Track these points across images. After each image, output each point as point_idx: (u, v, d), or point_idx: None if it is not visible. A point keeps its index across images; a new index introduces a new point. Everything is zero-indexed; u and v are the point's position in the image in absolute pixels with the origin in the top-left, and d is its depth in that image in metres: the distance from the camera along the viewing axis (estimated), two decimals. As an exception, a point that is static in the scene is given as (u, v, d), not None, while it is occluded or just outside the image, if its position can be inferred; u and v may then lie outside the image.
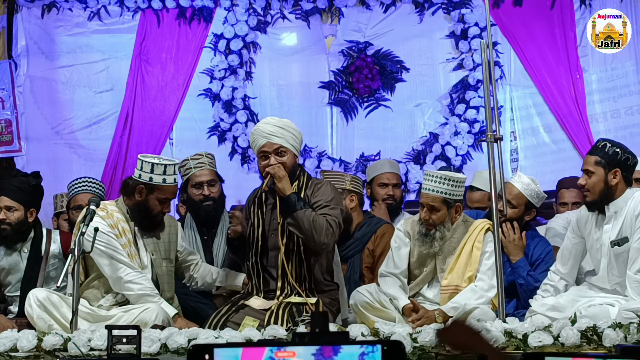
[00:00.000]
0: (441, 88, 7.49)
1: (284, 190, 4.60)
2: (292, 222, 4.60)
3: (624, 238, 4.61)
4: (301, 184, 4.76)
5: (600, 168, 4.64)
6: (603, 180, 4.63)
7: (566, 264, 4.83)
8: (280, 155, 4.69)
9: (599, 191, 4.65)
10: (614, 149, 4.66)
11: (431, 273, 4.88)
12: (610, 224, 4.65)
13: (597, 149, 4.70)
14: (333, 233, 4.64)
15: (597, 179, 4.64)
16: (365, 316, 4.62)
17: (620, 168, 4.64)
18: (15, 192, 5.24)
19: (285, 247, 4.67)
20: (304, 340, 1.96)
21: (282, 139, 4.68)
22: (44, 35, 7.41)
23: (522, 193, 5.17)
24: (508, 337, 4.14)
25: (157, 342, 4.08)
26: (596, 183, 4.64)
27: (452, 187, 4.77)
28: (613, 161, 4.63)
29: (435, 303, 4.78)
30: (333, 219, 4.64)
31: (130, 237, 4.75)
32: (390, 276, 4.90)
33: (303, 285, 4.68)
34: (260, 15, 7.49)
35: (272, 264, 4.72)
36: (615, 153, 4.65)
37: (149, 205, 4.75)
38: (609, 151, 4.65)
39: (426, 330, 4.13)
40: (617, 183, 4.64)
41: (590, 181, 4.65)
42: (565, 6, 7.27)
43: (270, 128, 4.70)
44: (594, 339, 4.11)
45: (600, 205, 4.69)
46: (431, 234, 4.83)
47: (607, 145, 4.68)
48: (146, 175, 4.72)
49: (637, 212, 4.59)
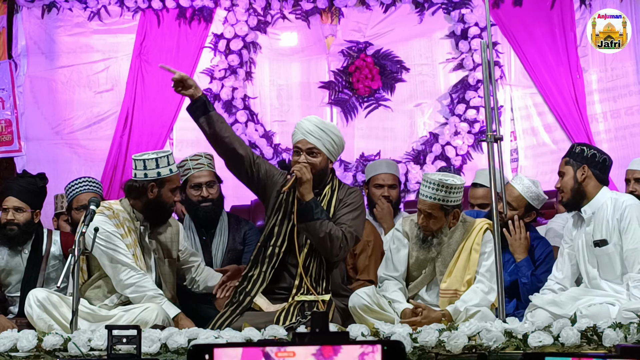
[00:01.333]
0: (441, 88, 7.49)
1: (303, 195, 4.57)
2: (306, 230, 4.59)
3: (603, 240, 4.66)
4: (334, 187, 4.74)
5: (569, 167, 4.78)
6: (572, 178, 4.75)
7: (562, 270, 4.86)
8: (312, 155, 4.65)
9: (570, 189, 4.76)
10: (581, 147, 4.82)
11: (430, 275, 4.87)
12: (591, 226, 4.70)
13: (568, 152, 4.85)
14: (347, 245, 4.65)
15: (568, 177, 4.77)
16: (364, 319, 4.60)
17: (587, 164, 4.74)
18: (23, 193, 5.25)
19: (310, 246, 4.65)
20: (304, 340, 1.96)
21: (318, 140, 4.65)
22: (44, 35, 7.41)
23: (523, 195, 5.17)
24: (508, 337, 4.13)
25: (157, 342, 4.08)
26: (567, 181, 4.77)
27: (448, 193, 4.71)
28: (579, 158, 4.76)
29: (434, 306, 4.77)
30: (351, 231, 4.63)
31: (135, 237, 4.75)
32: (389, 279, 4.88)
33: (320, 286, 4.66)
34: (260, 15, 7.49)
35: (293, 261, 4.69)
36: (582, 151, 4.79)
37: (163, 200, 4.78)
38: (576, 150, 4.81)
39: (426, 330, 4.13)
40: (585, 178, 4.73)
41: (562, 181, 4.79)
42: (565, 6, 7.27)
43: (311, 127, 4.68)
44: (594, 339, 4.11)
45: (576, 205, 4.77)
46: (429, 240, 4.81)
47: (577, 147, 4.85)
48: (152, 171, 4.74)
49: (617, 215, 4.63)
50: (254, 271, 4.72)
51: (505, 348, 4.07)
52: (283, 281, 4.69)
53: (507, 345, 4.09)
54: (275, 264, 4.68)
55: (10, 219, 5.18)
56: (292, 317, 4.46)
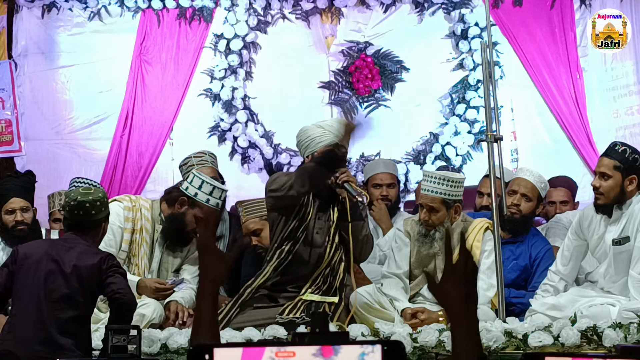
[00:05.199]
0: (441, 88, 7.49)
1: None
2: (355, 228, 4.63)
3: (625, 237, 4.60)
4: None
5: (618, 173, 4.56)
6: (619, 186, 4.56)
7: (566, 264, 4.81)
8: None
9: (613, 196, 4.58)
10: (633, 155, 4.58)
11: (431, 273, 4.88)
12: (616, 225, 4.63)
13: (615, 153, 4.61)
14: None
15: (614, 183, 4.56)
16: (364, 317, 4.61)
17: (637, 175, 4.57)
18: (24, 192, 5.28)
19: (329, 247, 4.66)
20: (304, 340, 1.96)
21: None
22: (44, 35, 7.40)
23: (535, 186, 5.15)
24: (508, 337, 4.14)
25: (157, 342, 4.09)
26: (612, 187, 4.57)
27: (451, 187, 4.75)
28: (632, 167, 4.56)
29: (435, 303, 4.78)
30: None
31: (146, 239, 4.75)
32: (392, 277, 4.89)
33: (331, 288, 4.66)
34: (261, 15, 7.49)
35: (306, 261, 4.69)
36: (635, 160, 4.56)
37: (184, 220, 4.76)
38: (629, 157, 4.57)
39: (426, 330, 4.13)
40: (632, 190, 4.59)
41: (606, 185, 4.57)
42: (565, 6, 7.26)
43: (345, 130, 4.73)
44: (594, 339, 4.12)
45: (610, 209, 4.65)
46: (431, 234, 4.82)
47: (627, 150, 4.59)
48: (193, 189, 4.74)
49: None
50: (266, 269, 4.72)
51: (505, 348, 4.08)
52: (295, 281, 4.69)
53: (507, 345, 4.10)
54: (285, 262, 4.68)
55: (20, 220, 5.21)
56: (297, 313, 4.47)
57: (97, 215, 4.12)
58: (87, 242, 4.11)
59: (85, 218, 4.12)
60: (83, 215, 4.10)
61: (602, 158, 4.69)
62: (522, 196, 5.10)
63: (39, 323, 3.99)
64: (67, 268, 4.03)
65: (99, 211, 4.11)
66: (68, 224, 4.19)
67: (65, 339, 3.96)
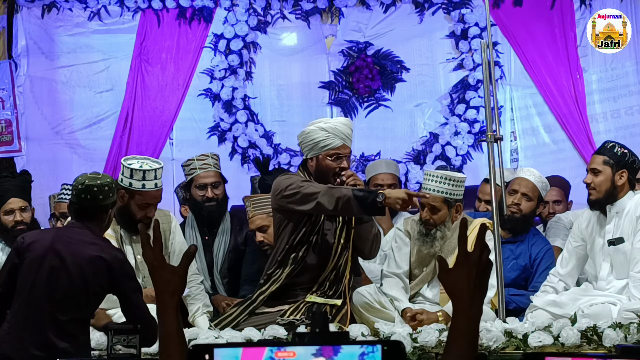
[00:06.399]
0: (441, 88, 7.49)
1: None
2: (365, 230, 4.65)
3: (619, 238, 4.64)
4: None
5: (607, 167, 4.68)
6: (610, 180, 4.67)
7: (566, 266, 4.84)
8: (348, 160, 4.78)
9: (604, 190, 4.68)
10: (622, 150, 4.72)
11: (431, 273, 4.88)
12: (611, 224, 4.67)
13: (605, 150, 4.74)
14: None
15: (604, 177, 4.68)
16: (365, 317, 4.61)
17: (627, 169, 4.68)
18: (22, 192, 5.30)
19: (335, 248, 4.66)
20: (304, 340, 1.96)
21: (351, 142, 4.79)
22: (44, 35, 7.40)
23: (536, 185, 5.18)
24: (508, 337, 4.14)
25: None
26: (603, 182, 4.68)
27: (452, 186, 4.77)
28: (620, 162, 4.68)
29: (435, 303, 4.78)
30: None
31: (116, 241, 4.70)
32: (392, 277, 4.90)
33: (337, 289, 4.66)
34: (261, 15, 7.49)
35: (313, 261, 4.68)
36: (624, 154, 4.70)
37: (130, 210, 4.70)
38: (617, 152, 4.71)
39: (426, 331, 4.14)
40: (622, 184, 4.68)
41: (597, 180, 4.69)
42: (565, 6, 7.27)
43: (349, 132, 4.73)
44: (594, 339, 4.12)
45: (603, 205, 4.70)
46: (432, 233, 4.83)
47: (616, 146, 4.74)
48: (126, 180, 4.67)
49: (638, 213, 4.61)
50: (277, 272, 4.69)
51: (505, 348, 4.08)
52: (304, 283, 4.68)
53: (507, 345, 4.10)
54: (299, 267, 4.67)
55: (19, 220, 5.22)
56: (298, 315, 4.48)
57: (105, 200, 4.05)
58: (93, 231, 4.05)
59: (93, 203, 4.04)
60: (90, 199, 4.03)
61: (594, 156, 4.84)
62: (523, 196, 5.12)
63: (38, 324, 3.92)
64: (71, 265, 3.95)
65: (107, 196, 4.05)
66: (75, 209, 4.09)
67: (64, 342, 3.90)
